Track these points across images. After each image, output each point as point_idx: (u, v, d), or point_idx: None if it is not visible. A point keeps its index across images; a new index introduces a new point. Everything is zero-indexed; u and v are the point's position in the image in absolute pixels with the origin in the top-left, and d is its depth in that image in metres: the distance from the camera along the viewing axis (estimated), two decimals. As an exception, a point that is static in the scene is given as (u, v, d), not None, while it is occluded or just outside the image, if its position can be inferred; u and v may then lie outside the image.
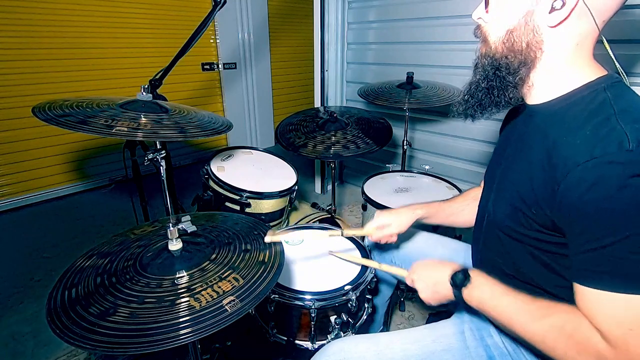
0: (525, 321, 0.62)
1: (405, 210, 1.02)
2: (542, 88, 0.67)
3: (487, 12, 0.68)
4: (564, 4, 0.58)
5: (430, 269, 0.83)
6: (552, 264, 0.66)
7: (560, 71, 0.64)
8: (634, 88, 0.63)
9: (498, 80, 0.68)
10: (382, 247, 1.16)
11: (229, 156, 1.66)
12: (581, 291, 0.57)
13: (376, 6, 2.36)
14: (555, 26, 0.61)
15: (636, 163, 0.50)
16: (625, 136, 0.52)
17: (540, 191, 0.61)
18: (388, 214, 1.02)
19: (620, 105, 0.57)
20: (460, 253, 1.07)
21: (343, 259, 1.10)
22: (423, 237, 1.15)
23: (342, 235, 1.06)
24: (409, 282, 0.88)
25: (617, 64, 0.66)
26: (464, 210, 1.03)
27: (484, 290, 0.70)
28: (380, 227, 1.01)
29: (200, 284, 0.67)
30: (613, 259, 0.53)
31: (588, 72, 0.63)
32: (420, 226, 1.10)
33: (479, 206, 0.90)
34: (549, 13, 0.60)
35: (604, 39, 0.65)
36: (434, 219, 1.04)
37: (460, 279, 0.73)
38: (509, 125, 0.86)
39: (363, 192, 1.56)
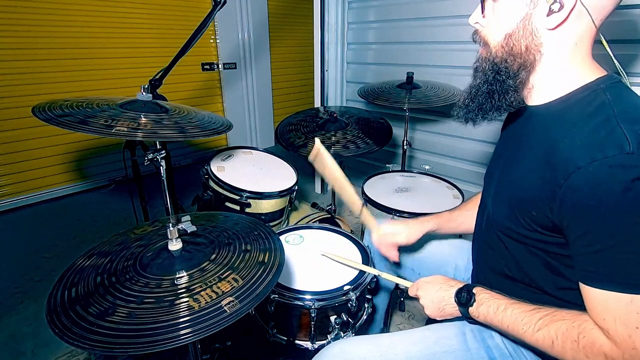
0: (532, 331, 0.63)
1: (416, 223, 1.02)
2: (542, 90, 0.67)
3: (483, 16, 0.69)
4: (562, 6, 0.58)
5: (436, 287, 0.81)
6: (554, 264, 0.66)
7: (559, 72, 0.64)
8: (633, 88, 0.63)
9: (498, 84, 0.68)
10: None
11: (229, 156, 1.65)
12: (587, 292, 0.58)
13: (376, 6, 2.36)
14: (554, 29, 0.61)
15: (637, 166, 0.50)
16: (625, 138, 0.52)
17: (539, 192, 0.61)
18: (399, 224, 1.01)
19: (620, 106, 0.56)
20: (465, 252, 1.07)
21: (338, 262, 1.07)
22: (428, 236, 1.15)
23: (362, 206, 1.02)
24: (411, 293, 0.88)
25: (617, 63, 0.66)
26: (475, 217, 1.03)
27: (490, 306, 0.70)
28: (389, 234, 1.00)
29: (200, 284, 0.67)
30: (616, 260, 0.53)
31: (587, 72, 0.63)
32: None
33: (478, 208, 0.90)
34: (547, 16, 0.60)
35: (603, 39, 0.65)
36: (445, 229, 1.04)
37: (465, 298, 0.74)
38: (509, 127, 0.86)
39: (363, 192, 1.56)
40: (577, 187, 0.55)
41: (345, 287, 0.99)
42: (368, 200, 1.51)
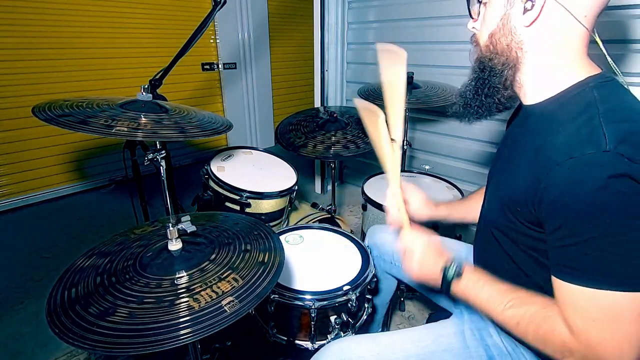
0: (502, 309, 0.66)
1: (430, 205, 1.02)
2: (532, 89, 0.68)
3: (474, 20, 0.74)
4: (533, 5, 0.60)
5: (432, 251, 0.79)
6: (542, 260, 0.67)
7: (547, 70, 0.65)
8: (629, 88, 0.63)
9: (483, 81, 0.71)
10: (382, 243, 1.16)
11: (229, 156, 1.65)
12: (555, 283, 0.60)
13: (376, 6, 2.36)
14: (529, 25, 0.63)
15: (612, 164, 0.51)
16: (603, 137, 0.53)
17: (525, 189, 0.63)
18: (420, 195, 1.00)
19: (606, 105, 0.57)
20: (462, 254, 1.07)
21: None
22: None
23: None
24: (400, 244, 0.83)
25: (610, 61, 0.66)
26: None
27: (469, 280, 0.73)
28: (407, 195, 0.98)
29: (200, 284, 0.67)
30: (584, 255, 0.55)
31: (579, 71, 0.63)
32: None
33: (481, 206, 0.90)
34: (523, 14, 0.62)
35: (597, 38, 0.65)
36: (453, 217, 1.04)
37: (453, 272, 0.75)
38: (510, 126, 0.86)
39: (363, 192, 1.56)
40: (555, 183, 0.56)
41: (345, 287, 0.99)
42: (368, 200, 1.51)
